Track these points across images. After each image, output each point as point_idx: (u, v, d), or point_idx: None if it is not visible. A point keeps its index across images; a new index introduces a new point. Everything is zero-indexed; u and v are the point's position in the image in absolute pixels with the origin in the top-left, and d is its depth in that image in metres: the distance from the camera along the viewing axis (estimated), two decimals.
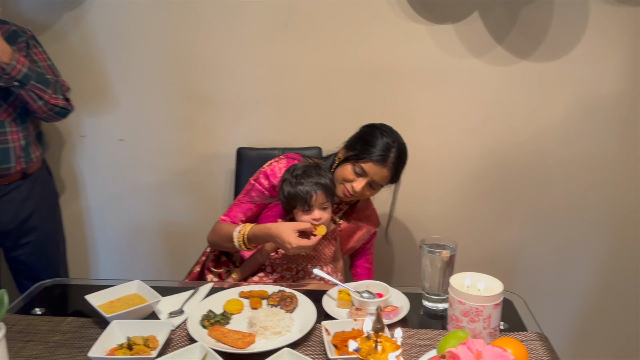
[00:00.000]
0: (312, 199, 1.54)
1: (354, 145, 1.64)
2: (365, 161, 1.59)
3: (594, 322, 2.18)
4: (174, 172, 2.15)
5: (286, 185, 1.59)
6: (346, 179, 1.63)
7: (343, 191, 1.64)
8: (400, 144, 1.63)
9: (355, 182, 1.61)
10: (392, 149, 1.60)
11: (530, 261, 2.14)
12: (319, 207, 1.56)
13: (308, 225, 1.52)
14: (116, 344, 1.18)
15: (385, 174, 1.61)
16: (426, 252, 1.37)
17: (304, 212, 1.57)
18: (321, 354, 1.20)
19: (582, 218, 2.07)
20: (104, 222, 2.23)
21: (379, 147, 1.59)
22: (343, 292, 1.38)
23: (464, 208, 2.10)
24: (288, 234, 1.48)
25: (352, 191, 1.62)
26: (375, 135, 1.61)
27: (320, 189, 1.55)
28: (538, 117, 1.99)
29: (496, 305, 1.21)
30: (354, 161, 1.61)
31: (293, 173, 1.60)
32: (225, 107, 2.07)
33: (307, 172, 1.58)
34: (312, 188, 1.55)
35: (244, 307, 1.38)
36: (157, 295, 1.36)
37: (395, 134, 1.64)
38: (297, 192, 1.55)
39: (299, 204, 1.56)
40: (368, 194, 1.65)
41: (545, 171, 2.04)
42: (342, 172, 1.64)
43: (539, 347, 1.22)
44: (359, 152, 1.61)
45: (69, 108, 1.85)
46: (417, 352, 1.21)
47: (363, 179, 1.61)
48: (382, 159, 1.58)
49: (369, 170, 1.59)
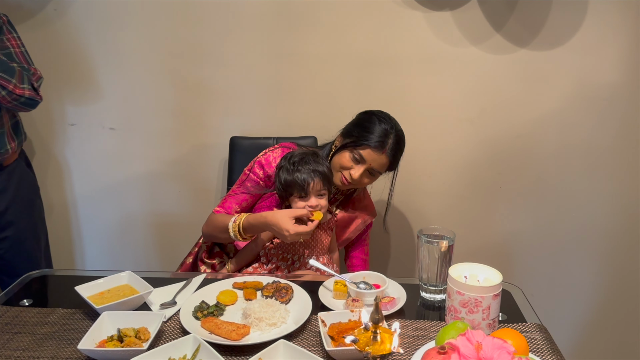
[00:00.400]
0: (309, 186, 1.52)
1: (352, 132, 1.61)
2: (364, 147, 1.56)
3: (592, 312, 2.17)
4: (165, 162, 2.11)
5: (283, 173, 1.56)
6: (344, 166, 1.60)
7: (341, 179, 1.61)
8: (398, 130, 1.61)
9: (354, 170, 1.59)
10: (391, 134, 1.57)
11: (528, 252, 2.12)
12: (315, 194, 1.54)
13: (304, 211, 1.49)
14: (106, 336, 1.15)
15: (383, 161, 1.58)
16: (424, 242, 1.34)
17: (301, 199, 1.55)
18: (317, 345, 1.17)
19: (580, 208, 2.06)
20: (94, 212, 2.19)
21: (377, 133, 1.56)
22: (339, 283, 1.35)
23: (462, 198, 2.08)
24: (285, 221, 1.46)
25: (350, 179, 1.59)
26: (373, 122, 1.59)
27: (317, 176, 1.53)
28: (535, 107, 1.97)
29: (495, 296, 1.19)
30: (351, 148, 1.58)
31: (290, 160, 1.57)
32: (218, 96, 2.03)
33: (304, 159, 1.56)
34: (309, 175, 1.52)
35: (238, 298, 1.35)
36: (148, 286, 1.32)
37: (393, 120, 1.62)
38: (294, 179, 1.53)
39: (295, 191, 1.54)
40: (366, 181, 1.62)
41: (543, 161, 2.02)
42: (339, 159, 1.61)
43: (538, 338, 1.20)
44: (356, 138, 1.58)
45: (37, 99, 1.73)
46: (415, 343, 1.18)
47: (361, 166, 1.58)
48: (380, 145, 1.56)
49: (367, 157, 1.57)
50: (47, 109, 2.06)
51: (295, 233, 1.45)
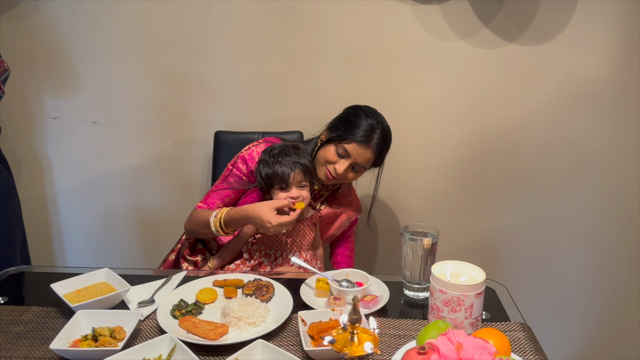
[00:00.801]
0: (289, 177, 1.51)
1: (337, 126, 1.59)
2: (349, 142, 1.54)
3: (578, 312, 2.16)
4: (149, 157, 2.08)
5: (264, 166, 1.55)
6: (328, 160, 1.58)
7: (325, 173, 1.59)
8: (385, 125, 1.59)
9: (338, 164, 1.57)
10: (377, 130, 1.55)
11: (515, 249, 2.11)
12: (296, 185, 1.53)
13: (286, 202, 1.48)
14: (80, 335, 1.12)
15: (368, 156, 1.56)
16: (407, 239, 1.32)
17: (282, 191, 1.53)
18: (297, 345, 1.15)
19: (568, 205, 2.04)
20: (76, 208, 2.15)
21: (363, 127, 1.54)
22: (321, 281, 1.33)
23: (449, 194, 2.06)
24: (266, 212, 1.43)
25: (334, 173, 1.57)
26: (359, 116, 1.57)
27: (298, 167, 1.52)
28: (523, 102, 1.95)
29: (478, 295, 1.17)
30: (336, 142, 1.56)
31: (270, 153, 1.56)
32: (203, 89, 2.00)
33: (285, 152, 1.55)
34: (289, 167, 1.52)
35: (217, 297, 1.32)
36: (126, 284, 1.29)
37: (380, 116, 1.60)
38: (274, 171, 1.52)
39: (276, 183, 1.53)
40: (351, 177, 1.60)
41: (531, 157, 2.01)
42: (324, 153, 1.59)
43: (521, 337, 1.18)
44: (342, 132, 1.56)
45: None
46: (397, 342, 1.17)
47: (346, 161, 1.56)
48: (365, 139, 1.53)
49: (352, 152, 1.55)
50: (27, 102, 2.02)
51: (278, 224, 1.43)
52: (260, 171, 1.56)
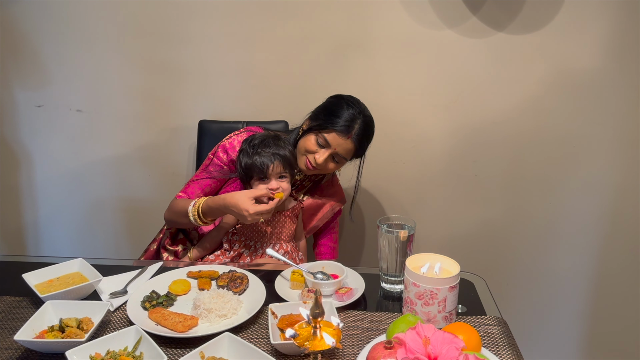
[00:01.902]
0: (268, 169, 1.49)
1: (318, 116, 1.57)
2: (329, 131, 1.52)
3: (564, 307, 2.14)
4: (132, 145, 2.06)
5: (243, 156, 1.53)
6: (309, 150, 1.56)
7: (305, 163, 1.57)
8: (367, 116, 1.56)
9: (318, 154, 1.55)
10: (358, 120, 1.53)
11: (502, 242, 2.08)
12: (276, 176, 1.52)
13: (264, 191, 1.46)
14: (47, 326, 1.10)
15: (349, 146, 1.53)
16: (384, 231, 1.30)
17: (261, 182, 1.52)
18: (266, 338, 1.13)
19: (556, 197, 2.01)
20: (60, 197, 2.13)
21: (344, 117, 1.52)
22: (296, 273, 1.31)
23: (436, 186, 2.04)
24: (243, 200, 1.42)
25: (314, 163, 1.55)
26: (340, 106, 1.54)
27: (277, 158, 1.51)
28: (512, 93, 1.92)
29: (452, 288, 1.15)
30: (317, 131, 1.54)
31: (251, 143, 1.54)
32: (187, 78, 1.97)
33: (265, 142, 1.53)
34: (269, 158, 1.50)
35: (191, 289, 1.31)
36: (98, 274, 1.28)
37: (362, 106, 1.57)
38: (253, 162, 1.50)
39: (255, 174, 1.51)
40: (331, 167, 1.58)
41: (520, 148, 1.97)
42: (304, 142, 1.57)
43: (496, 332, 1.16)
44: (322, 122, 1.54)
45: None
46: (368, 336, 1.15)
47: (326, 151, 1.54)
48: (346, 129, 1.51)
49: (332, 142, 1.52)
50: (11, 89, 2.00)
51: (255, 212, 1.41)
52: (240, 161, 1.54)
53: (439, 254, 1.23)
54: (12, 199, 2.14)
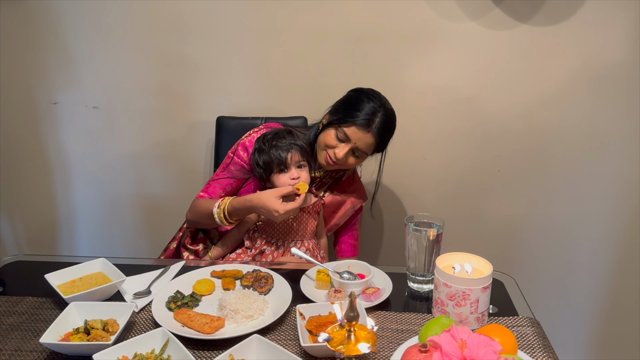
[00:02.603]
0: (287, 158, 1.49)
1: (338, 110, 1.54)
2: (349, 125, 1.49)
3: (592, 306, 2.09)
4: (150, 142, 2.04)
5: (260, 154, 1.51)
6: (328, 144, 1.53)
7: (325, 158, 1.54)
8: (388, 109, 1.52)
9: (338, 149, 1.52)
10: (378, 113, 1.49)
11: (527, 239, 2.04)
12: (295, 165, 1.51)
13: (289, 188, 1.45)
14: (72, 328, 1.09)
15: (369, 141, 1.50)
16: (411, 230, 1.27)
17: (282, 173, 1.50)
18: (295, 339, 1.11)
19: (583, 193, 1.97)
20: (77, 195, 2.12)
21: (364, 111, 1.48)
22: (322, 273, 1.29)
23: (457, 182, 2.00)
24: (272, 201, 1.41)
25: (334, 158, 1.52)
26: (360, 99, 1.51)
27: (294, 148, 1.50)
28: (537, 86, 1.87)
29: (484, 289, 1.12)
30: (337, 126, 1.51)
31: (264, 140, 1.53)
32: (204, 74, 1.94)
33: (279, 135, 1.53)
34: (286, 149, 1.50)
35: (215, 288, 1.29)
36: (121, 274, 1.26)
37: (383, 99, 1.53)
38: (271, 155, 1.50)
39: (275, 166, 1.50)
40: (352, 162, 1.55)
41: (544, 143, 1.93)
42: (324, 137, 1.54)
43: (530, 333, 1.13)
44: (342, 116, 1.51)
45: None
46: (399, 337, 1.12)
47: (346, 145, 1.51)
48: (366, 123, 1.48)
49: (352, 136, 1.49)
50: (28, 87, 1.99)
51: (284, 211, 1.41)
52: (257, 160, 1.52)
53: (461, 252, 1.20)
54: (30, 199, 2.13)
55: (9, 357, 1.05)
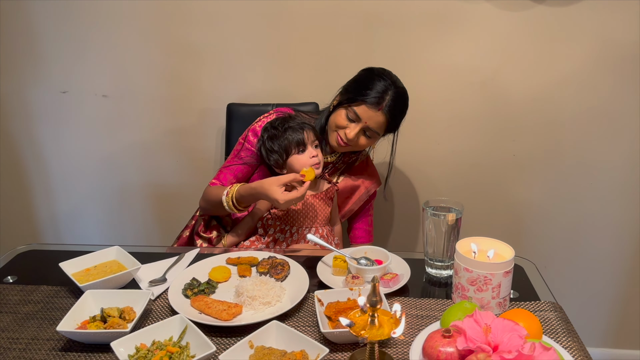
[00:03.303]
0: (304, 137, 1.48)
1: (348, 89, 1.52)
2: (359, 104, 1.47)
3: (612, 291, 2.07)
4: (160, 130, 2.02)
5: (273, 140, 1.49)
6: (339, 125, 1.51)
7: (336, 139, 1.53)
8: (399, 87, 1.50)
9: (348, 129, 1.50)
10: (389, 91, 1.47)
11: (543, 224, 2.01)
12: (312, 144, 1.50)
13: (291, 176, 1.42)
14: (89, 316, 1.08)
15: (380, 119, 1.47)
16: (430, 215, 1.25)
17: (300, 154, 1.49)
18: (314, 326, 1.09)
19: (600, 177, 1.93)
20: (88, 185, 2.11)
21: (375, 89, 1.46)
22: (339, 259, 1.27)
23: (472, 167, 1.97)
24: (273, 190, 1.38)
25: (345, 139, 1.50)
26: (371, 78, 1.49)
27: (306, 127, 1.50)
28: (553, 68, 1.83)
29: (506, 273, 1.10)
30: (347, 105, 1.49)
31: (273, 126, 1.53)
32: (214, 60, 1.92)
33: (285, 119, 1.53)
34: (299, 129, 1.49)
35: (231, 275, 1.28)
36: (136, 262, 1.25)
37: (394, 77, 1.51)
38: (287, 138, 1.48)
39: (293, 148, 1.48)
40: (363, 143, 1.52)
41: (561, 126, 1.89)
42: (335, 118, 1.52)
43: (552, 317, 1.11)
44: (352, 95, 1.49)
45: None
46: (419, 323, 1.10)
47: (356, 125, 1.49)
48: (376, 101, 1.45)
49: (362, 115, 1.47)
50: (36, 76, 1.97)
51: (285, 201, 1.38)
52: (272, 146, 1.50)
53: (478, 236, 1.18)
54: (40, 189, 2.12)
55: (26, 345, 1.04)
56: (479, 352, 0.87)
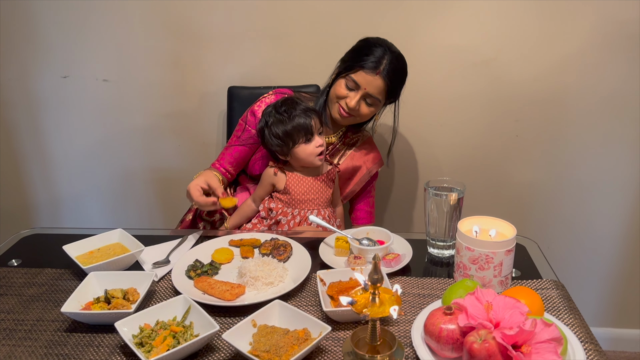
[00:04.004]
0: (312, 126, 1.47)
1: (346, 59, 1.54)
2: (356, 71, 1.48)
3: (614, 270, 2.07)
4: (162, 115, 2.01)
5: (279, 125, 1.47)
6: (339, 95, 1.52)
7: (338, 110, 1.54)
8: (394, 52, 1.51)
9: (349, 98, 1.51)
10: (386, 55, 1.48)
11: (546, 204, 2.00)
12: (317, 132, 1.50)
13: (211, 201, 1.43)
14: (93, 298, 1.09)
15: (378, 84, 1.48)
16: (432, 195, 1.25)
17: (307, 143, 1.48)
18: (316, 305, 1.10)
19: (603, 157, 1.92)
20: (90, 170, 2.11)
21: (371, 55, 1.48)
22: (341, 240, 1.27)
23: (475, 148, 1.96)
24: (193, 187, 1.44)
25: (346, 108, 1.51)
26: (367, 46, 1.51)
27: (313, 114, 1.49)
28: (556, 47, 1.81)
29: (508, 252, 1.10)
30: (345, 75, 1.51)
31: (277, 110, 1.50)
32: (214, 43, 1.90)
33: (290, 104, 1.50)
34: (306, 116, 1.48)
35: (234, 257, 1.28)
36: (139, 244, 1.26)
37: (389, 44, 1.53)
38: (296, 125, 1.46)
39: (302, 136, 1.47)
40: (365, 111, 1.53)
41: (563, 106, 1.88)
42: (335, 89, 1.54)
43: (554, 295, 1.11)
44: (350, 63, 1.50)
45: None
46: (421, 302, 1.11)
47: (356, 93, 1.50)
48: (374, 65, 1.47)
49: (361, 82, 1.48)
50: (36, 61, 1.96)
51: (196, 202, 1.43)
52: (277, 133, 1.48)
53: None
54: (42, 174, 2.12)
55: (31, 327, 1.05)
56: (480, 329, 0.88)
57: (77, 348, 0.99)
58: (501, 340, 0.84)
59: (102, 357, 0.96)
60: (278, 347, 0.92)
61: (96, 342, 1.00)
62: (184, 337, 0.96)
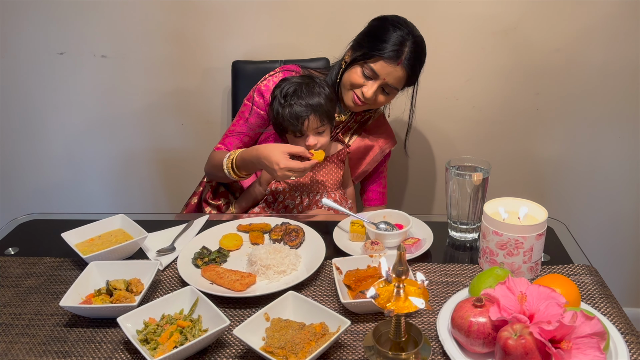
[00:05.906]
0: (304, 125, 1.34)
1: (362, 43, 1.39)
2: (375, 60, 1.35)
3: (627, 250, 1.99)
4: (162, 92, 1.92)
5: (276, 105, 1.37)
6: (355, 84, 1.40)
7: (353, 99, 1.42)
8: (416, 36, 1.37)
9: (366, 87, 1.38)
10: (407, 42, 1.34)
11: (568, 182, 1.92)
12: (313, 132, 1.36)
13: (301, 149, 1.30)
14: (94, 290, 1.02)
15: (399, 74, 1.36)
16: (454, 175, 1.16)
17: (297, 138, 1.37)
18: (332, 295, 1.03)
19: (629, 131, 1.83)
20: (90, 151, 2.02)
21: (391, 41, 1.34)
22: (356, 224, 1.20)
23: (494, 123, 1.86)
24: (276, 153, 1.27)
25: (362, 98, 1.39)
26: (385, 29, 1.36)
27: (312, 112, 1.34)
28: (578, 16, 1.70)
29: (539, 236, 1.02)
30: (362, 62, 1.37)
31: (282, 92, 1.37)
32: (217, 16, 1.80)
33: (297, 92, 1.35)
34: (303, 111, 1.33)
35: (243, 243, 1.21)
36: (142, 231, 1.19)
37: (410, 25, 1.38)
38: (286, 115, 1.34)
39: (290, 128, 1.36)
40: (382, 100, 1.42)
41: (586, 79, 1.78)
42: (349, 76, 1.40)
43: (588, 282, 1.04)
44: (367, 50, 1.36)
45: None
46: (444, 290, 1.04)
47: (374, 83, 1.38)
48: (395, 55, 1.33)
49: (380, 71, 1.35)
50: (31, 37, 1.86)
51: (286, 167, 1.26)
52: (273, 110, 1.39)
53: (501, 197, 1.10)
54: (40, 156, 2.04)
55: (29, 321, 0.99)
56: (515, 323, 0.81)
57: (77, 344, 0.92)
58: (539, 335, 0.77)
59: (104, 355, 0.89)
60: (294, 343, 0.85)
61: (98, 337, 0.93)
62: (191, 332, 0.89)
